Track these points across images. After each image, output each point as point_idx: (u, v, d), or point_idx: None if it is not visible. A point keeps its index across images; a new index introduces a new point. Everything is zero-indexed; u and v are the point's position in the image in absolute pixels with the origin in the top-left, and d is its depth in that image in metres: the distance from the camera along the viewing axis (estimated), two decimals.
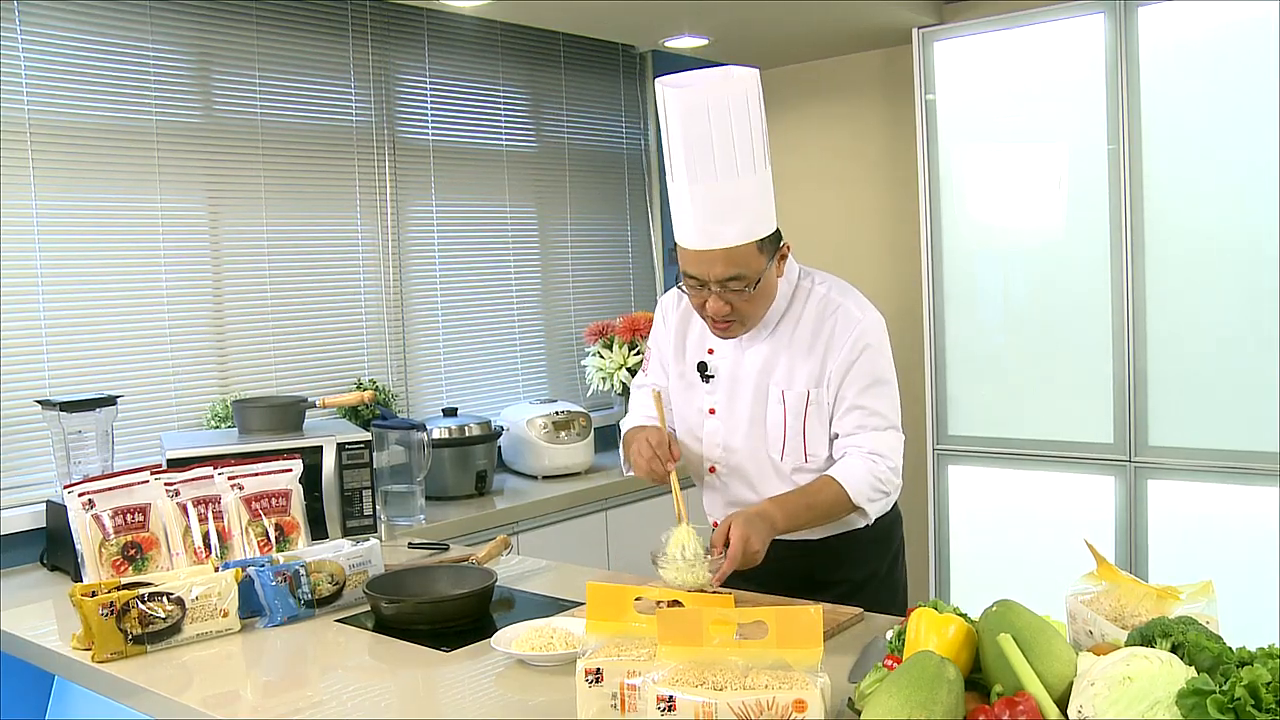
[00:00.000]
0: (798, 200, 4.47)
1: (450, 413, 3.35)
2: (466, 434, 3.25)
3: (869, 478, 1.94)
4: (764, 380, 2.02)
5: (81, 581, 2.07)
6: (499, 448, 3.46)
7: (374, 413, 3.14)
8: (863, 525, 2.01)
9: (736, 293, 1.90)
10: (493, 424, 3.36)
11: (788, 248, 1.97)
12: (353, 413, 3.14)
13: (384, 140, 3.45)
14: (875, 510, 1.98)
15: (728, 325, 1.96)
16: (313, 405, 2.79)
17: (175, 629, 1.84)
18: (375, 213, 3.43)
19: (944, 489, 3.59)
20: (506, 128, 3.84)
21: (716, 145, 1.80)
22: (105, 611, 1.78)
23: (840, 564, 2.09)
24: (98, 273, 2.81)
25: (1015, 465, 3.44)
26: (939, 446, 3.58)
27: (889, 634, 1.50)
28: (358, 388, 3.30)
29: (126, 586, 1.85)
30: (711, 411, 2.09)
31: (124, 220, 2.86)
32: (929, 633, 1.34)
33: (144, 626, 1.81)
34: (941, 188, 3.53)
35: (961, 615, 1.37)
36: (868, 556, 2.13)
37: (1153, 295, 3.15)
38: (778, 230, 1.93)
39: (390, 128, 3.47)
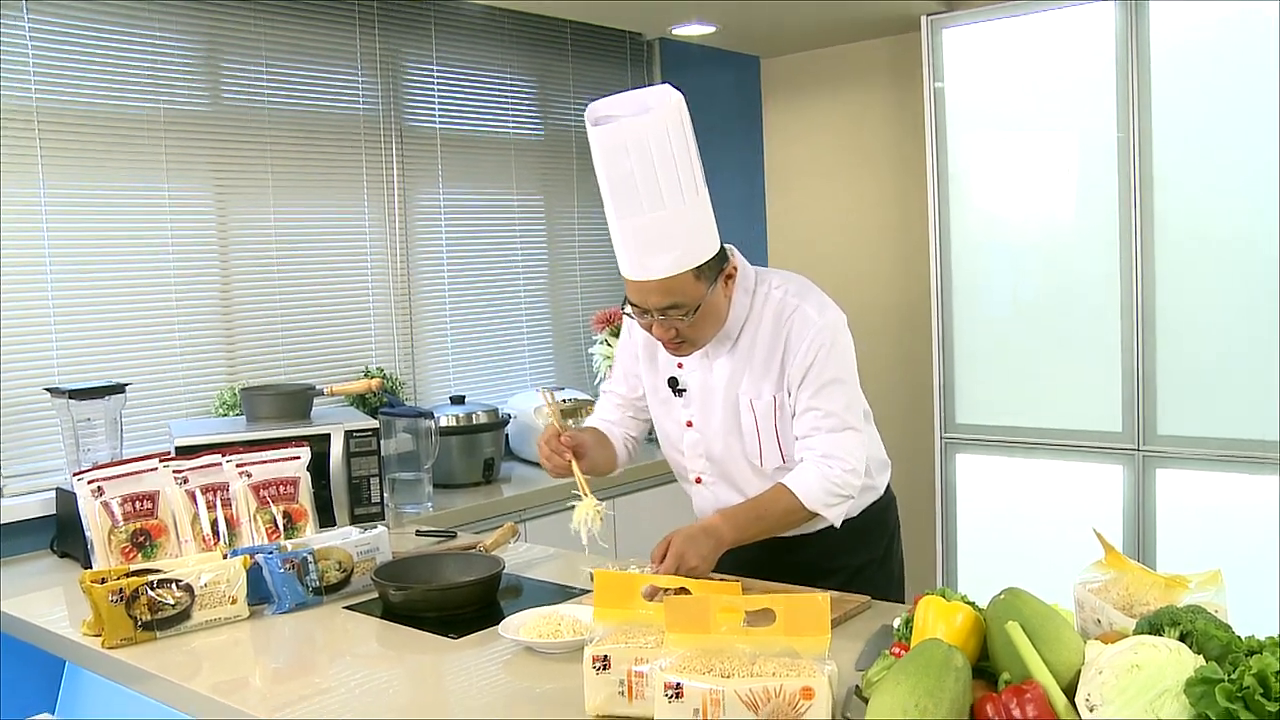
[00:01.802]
0: (805, 190, 4.46)
1: (458, 400, 3.36)
2: (474, 421, 3.26)
3: (822, 482, 1.94)
4: (732, 391, 2.03)
5: (91, 568, 2.08)
6: (506, 435, 3.46)
7: (381, 400, 3.15)
8: (840, 523, 2.01)
9: (679, 320, 1.90)
10: (500, 411, 3.36)
11: (734, 268, 1.96)
12: (360, 400, 3.15)
13: (391, 128, 3.45)
14: (837, 514, 1.97)
15: (678, 346, 1.97)
16: (320, 393, 2.80)
17: (184, 615, 1.85)
18: (382, 201, 3.43)
19: (952, 477, 3.59)
20: (514, 116, 3.84)
21: (640, 181, 1.79)
22: (115, 598, 1.79)
23: (838, 552, 2.11)
24: (105, 260, 2.81)
25: (1023, 454, 3.43)
26: (947, 435, 3.58)
27: (896, 622, 1.50)
28: (365, 375, 3.31)
29: (136, 573, 1.86)
30: (689, 424, 2.10)
31: (131, 208, 2.86)
32: (937, 621, 1.34)
33: (153, 613, 1.82)
34: (950, 176, 3.52)
35: (969, 603, 1.37)
36: (865, 542, 2.17)
37: (1161, 285, 3.14)
38: (722, 251, 1.92)
39: (397, 116, 3.47)
